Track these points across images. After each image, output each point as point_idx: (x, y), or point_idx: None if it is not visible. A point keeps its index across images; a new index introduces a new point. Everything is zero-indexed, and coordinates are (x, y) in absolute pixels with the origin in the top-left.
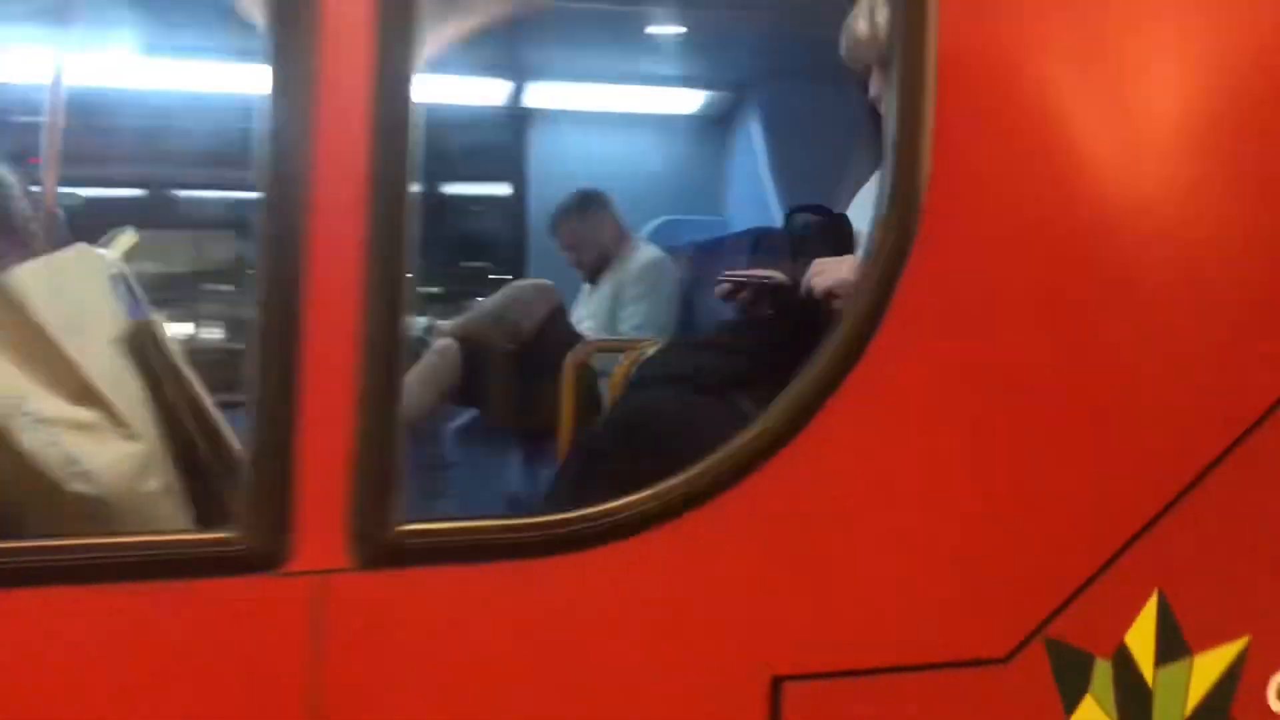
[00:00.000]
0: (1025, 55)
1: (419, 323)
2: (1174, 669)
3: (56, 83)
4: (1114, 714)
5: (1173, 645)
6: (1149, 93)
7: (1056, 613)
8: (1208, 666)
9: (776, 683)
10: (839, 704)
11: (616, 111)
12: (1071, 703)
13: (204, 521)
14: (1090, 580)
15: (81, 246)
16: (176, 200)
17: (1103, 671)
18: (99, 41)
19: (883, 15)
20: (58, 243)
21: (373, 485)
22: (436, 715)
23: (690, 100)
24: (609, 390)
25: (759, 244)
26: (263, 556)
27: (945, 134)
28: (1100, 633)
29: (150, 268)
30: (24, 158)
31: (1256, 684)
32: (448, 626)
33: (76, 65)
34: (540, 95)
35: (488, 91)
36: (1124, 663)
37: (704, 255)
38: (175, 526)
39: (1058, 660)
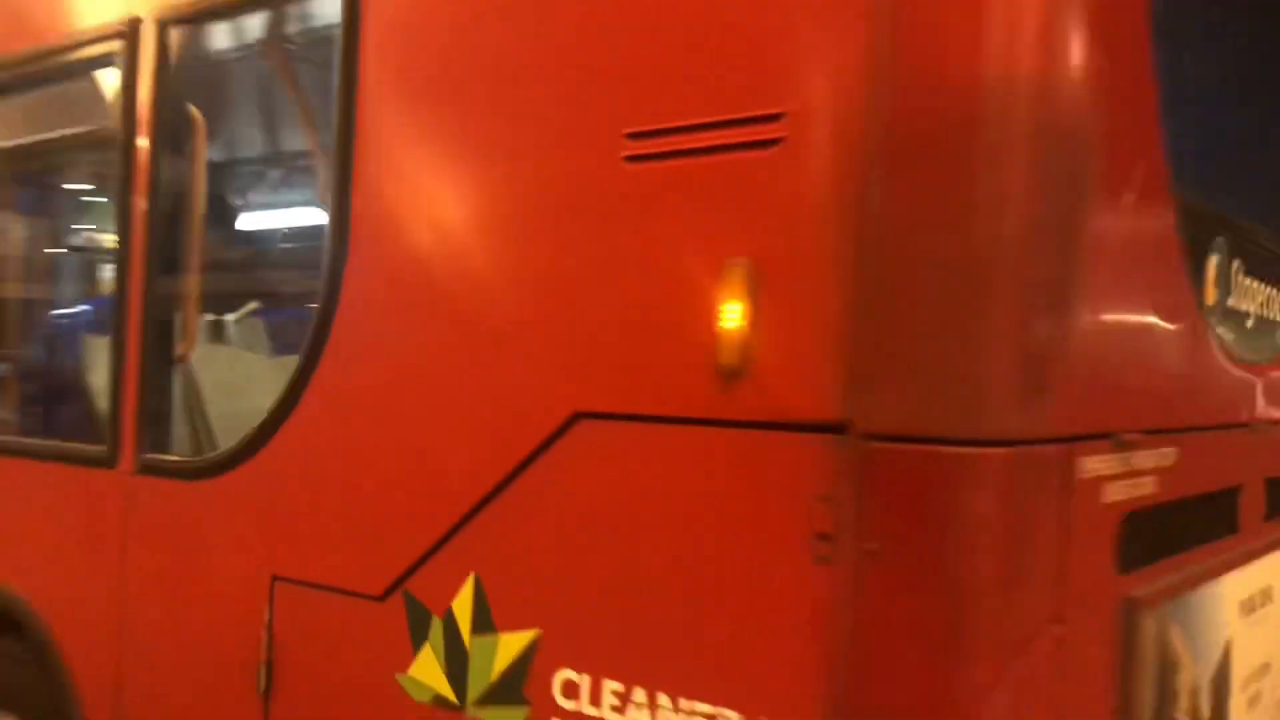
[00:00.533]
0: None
1: None
2: (485, 640)
3: None
4: (443, 665)
5: (483, 620)
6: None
7: (410, 572)
8: (509, 646)
9: (274, 580)
10: (310, 604)
11: None
12: (417, 648)
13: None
14: (431, 551)
15: None
16: None
17: (437, 628)
18: None
19: None
20: None
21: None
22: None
23: None
24: None
25: None
26: (105, 459)
27: (359, 217)
28: (437, 596)
29: None
30: None
31: (543, 674)
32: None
33: None
34: None
35: None
36: (451, 625)
37: None
38: None
39: (411, 611)
